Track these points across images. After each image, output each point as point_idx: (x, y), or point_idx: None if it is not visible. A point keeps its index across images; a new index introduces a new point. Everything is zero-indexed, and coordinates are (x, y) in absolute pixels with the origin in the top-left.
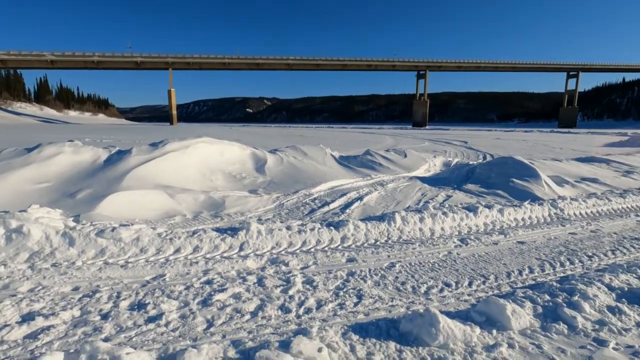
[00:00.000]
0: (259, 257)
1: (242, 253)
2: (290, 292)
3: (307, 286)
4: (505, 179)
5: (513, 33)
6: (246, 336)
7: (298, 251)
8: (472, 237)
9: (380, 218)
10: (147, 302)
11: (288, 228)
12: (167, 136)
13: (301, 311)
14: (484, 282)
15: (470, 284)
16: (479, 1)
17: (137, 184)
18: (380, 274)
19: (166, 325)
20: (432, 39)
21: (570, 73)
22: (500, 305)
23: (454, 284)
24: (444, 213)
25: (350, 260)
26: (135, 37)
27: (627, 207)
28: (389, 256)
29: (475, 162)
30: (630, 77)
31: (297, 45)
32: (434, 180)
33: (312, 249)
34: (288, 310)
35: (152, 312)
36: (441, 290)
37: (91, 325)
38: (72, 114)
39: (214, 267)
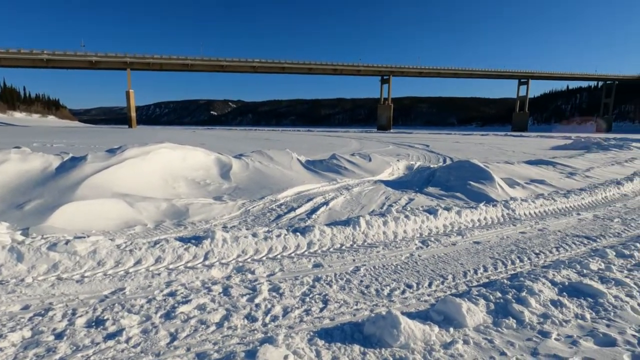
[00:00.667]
0: (225, 266)
1: (207, 262)
2: (257, 301)
3: (274, 293)
4: (463, 182)
5: (471, 42)
6: (211, 348)
7: (264, 258)
8: (432, 238)
9: (346, 222)
10: (105, 318)
11: (254, 235)
12: (125, 139)
13: (267, 319)
14: (442, 282)
15: (430, 285)
16: (436, 14)
17: (93, 192)
18: (345, 279)
19: (127, 341)
20: (395, 46)
21: (521, 80)
22: (456, 304)
23: (415, 285)
24: (406, 216)
25: (317, 265)
26: (91, 36)
27: (570, 207)
28: (354, 260)
29: (435, 166)
30: (573, 85)
31: (261, 49)
32: (397, 184)
33: (279, 256)
34: (254, 319)
35: (112, 329)
36: (403, 292)
37: (44, 346)
38: (18, 115)
39: (178, 278)
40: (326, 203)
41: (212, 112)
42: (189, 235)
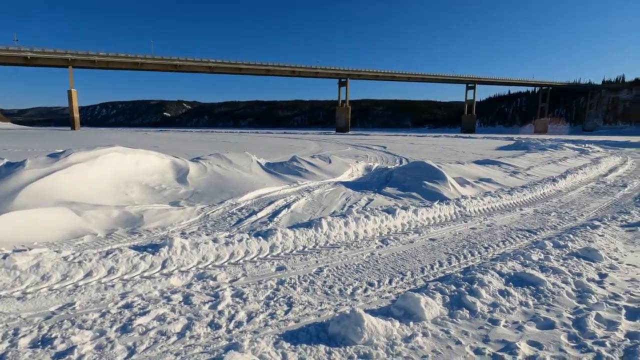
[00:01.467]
0: (185, 274)
1: (165, 271)
2: (220, 307)
3: (237, 299)
4: (418, 182)
5: (424, 48)
6: (173, 359)
7: (226, 264)
8: (391, 237)
9: (308, 224)
10: (53, 336)
11: (215, 240)
12: (66, 142)
13: (231, 325)
14: (402, 279)
15: (390, 282)
16: (390, 21)
17: (34, 201)
18: (309, 280)
19: (79, 359)
20: (353, 50)
21: (469, 85)
22: (415, 299)
23: (376, 283)
24: (367, 216)
25: (280, 268)
26: (32, 32)
27: (514, 203)
28: (317, 262)
29: (393, 167)
30: (514, 90)
31: (218, 51)
32: (357, 185)
33: (241, 261)
34: (218, 327)
35: (61, 347)
36: (365, 290)
37: None
38: None
39: (134, 289)
40: (288, 206)
41: (165, 113)
42: (145, 244)
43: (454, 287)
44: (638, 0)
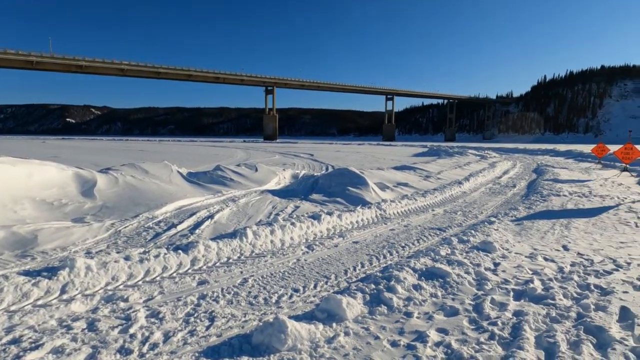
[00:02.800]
0: (89, 298)
1: (65, 297)
2: (132, 331)
3: (152, 319)
4: (342, 188)
5: (345, 59)
6: None
7: (140, 282)
8: (317, 242)
9: (232, 235)
10: None
11: (127, 258)
12: None
13: (145, 349)
14: (326, 282)
15: (315, 286)
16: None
17: None
18: (233, 292)
19: None
20: (280, 57)
21: (388, 96)
22: (337, 300)
23: (301, 289)
24: (292, 223)
25: (202, 282)
26: None
27: (427, 204)
28: (241, 272)
29: (319, 174)
30: (427, 102)
31: (133, 53)
32: (283, 193)
33: (158, 278)
34: (129, 352)
35: None
36: (291, 297)
37: None
38: None
39: (24, 321)
40: (211, 216)
41: (68, 119)
42: (39, 267)
43: (373, 286)
44: (519, 31)
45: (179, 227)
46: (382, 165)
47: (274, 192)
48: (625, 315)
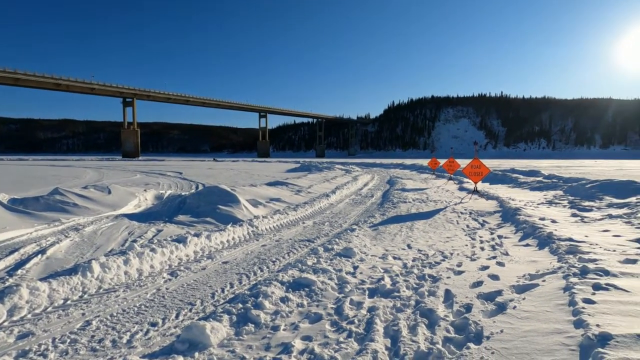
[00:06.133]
0: None
1: None
2: None
3: None
4: (212, 207)
5: (220, 75)
6: None
7: None
8: (182, 267)
9: (72, 271)
10: None
11: None
12: None
13: None
14: (190, 310)
15: (177, 316)
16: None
17: None
18: (70, 340)
19: None
20: (142, 66)
21: (262, 114)
22: (200, 327)
23: (161, 321)
24: (153, 249)
25: (24, 336)
26: None
27: (298, 218)
28: (83, 314)
29: (187, 193)
30: (299, 120)
31: None
32: (144, 216)
33: None
34: None
35: None
36: (147, 333)
37: None
38: None
39: None
40: (42, 251)
41: None
42: None
43: (240, 305)
44: (374, 59)
45: None
46: (255, 181)
47: (132, 217)
48: (448, 297)
